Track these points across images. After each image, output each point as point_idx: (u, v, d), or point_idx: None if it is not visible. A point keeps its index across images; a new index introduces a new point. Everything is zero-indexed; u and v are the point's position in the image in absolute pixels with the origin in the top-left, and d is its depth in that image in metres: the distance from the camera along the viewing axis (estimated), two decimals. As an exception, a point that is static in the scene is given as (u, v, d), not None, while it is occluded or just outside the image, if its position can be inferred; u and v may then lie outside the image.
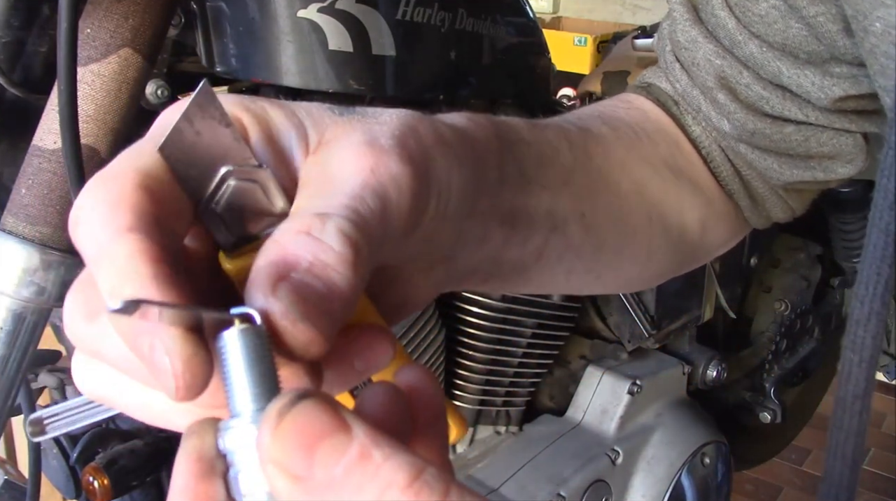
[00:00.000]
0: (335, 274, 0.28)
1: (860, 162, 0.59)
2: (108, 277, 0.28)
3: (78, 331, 0.30)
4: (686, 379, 1.48)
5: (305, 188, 0.32)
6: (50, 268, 0.77)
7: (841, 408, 0.39)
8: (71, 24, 0.68)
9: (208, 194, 0.30)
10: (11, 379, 0.80)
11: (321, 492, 0.23)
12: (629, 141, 0.56)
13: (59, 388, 1.10)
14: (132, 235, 0.28)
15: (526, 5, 1.21)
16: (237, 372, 0.26)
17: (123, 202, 0.28)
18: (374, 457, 0.23)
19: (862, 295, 0.38)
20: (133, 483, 0.98)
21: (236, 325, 0.27)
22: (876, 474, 2.57)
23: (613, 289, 0.66)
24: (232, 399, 0.26)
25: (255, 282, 0.28)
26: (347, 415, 0.24)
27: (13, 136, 0.84)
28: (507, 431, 1.36)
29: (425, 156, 0.34)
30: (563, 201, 0.47)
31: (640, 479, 1.37)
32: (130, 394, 0.31)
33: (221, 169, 0.30)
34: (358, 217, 0.30)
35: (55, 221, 0.77)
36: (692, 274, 1.45)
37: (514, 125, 0.46)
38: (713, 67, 0.57)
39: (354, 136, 0.33)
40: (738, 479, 2.29)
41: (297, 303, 0.27)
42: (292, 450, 0.23)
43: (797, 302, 1.74)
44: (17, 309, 0.78)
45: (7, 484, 1.05)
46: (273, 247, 0.29)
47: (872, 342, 0.38)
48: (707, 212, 0.60)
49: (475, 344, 1.27)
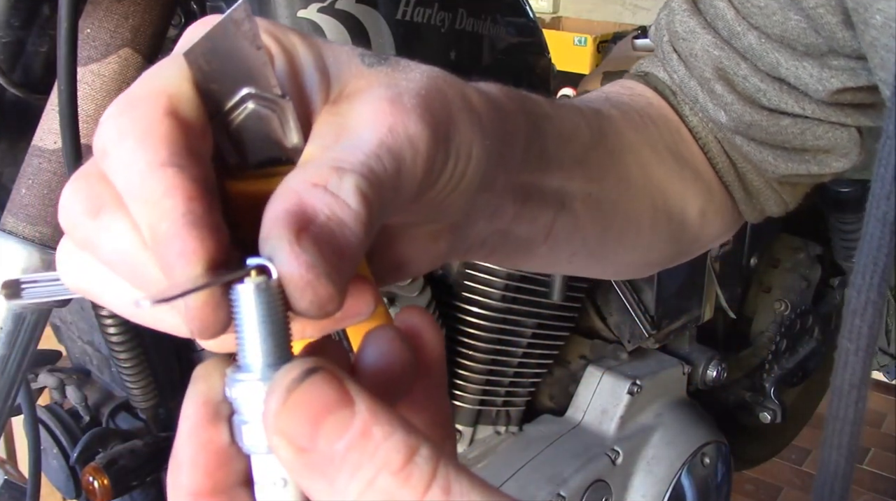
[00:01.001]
0: (349, 232, 0.28)
1: (854, 156, 0.59)
2: (145, 214, 0.28)
3: (76, 223, 0.30)
4: (686, 379, 1.48)
5: (320, 137, 0.31)
6: (50, 268, 0.77)
7: (837, 397, 0.39)
8: (71, 24, 0.68)
9: (225, 110, 0.29)
10: (11, 379, 0.80)
11: (322, 465, 0.24)
12: (637, 125, 0.56)
13: (59, 388, 1.10)
14: (167, 170, 0.27)
15: (526, 5, 1.21)
16: (250, 326, 0.26)
17: (154, 132, 0.28)
18: (374, 435, 0.23)
19: (859, 284, 0.38)
20: (133, 483, 0.98)
21: (251, 278, 0.26)
22: (876, 474, 2.57)
23: (612, 275, 0.67)
24: (242, 350, 0.26)
25: (275, 229, 0.27)
26: (352, 388, 0.24)
27: (13, 136, 0.84)
28: (507, 431, 1.36)
29: (448, 121, 0.33)
30: (575, 180, 0.47)
31: (640, 479, 1.37)
32: (117, 292, 0.31)
33: (243, 89, 0.29)
34: (373, 175, 0.29)
35: (55, 221, 0.77)
36: (692, 274, 1.45)
37: (538, 100, 0.45)
38: (711, 58, 0.57)
39: (378, 91, 0.32)
40: (738, 479, 2.29)
41: (321, 257, 0.26)
42: (298, 424, 0.24)
43: (797, 302, 1.74)
44: (18, 309, 0.78)
45: (7, 484, 1.04)
46: (289, 195, 0.28)
47: (869, 331, 0.38)
48: (707, 202, 0.60)
49: (475, 344, 1.27)
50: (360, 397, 0.24)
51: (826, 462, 0.40)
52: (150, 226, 0.27)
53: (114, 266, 0.30)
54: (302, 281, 0.26)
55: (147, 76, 0.30)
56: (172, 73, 0.29)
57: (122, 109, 0.29)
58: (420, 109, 0.32)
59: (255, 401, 0.26)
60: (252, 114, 0.29)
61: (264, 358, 0.26)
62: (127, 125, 0.28)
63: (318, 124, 0.31)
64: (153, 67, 0.30)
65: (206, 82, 0.29)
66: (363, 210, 0.28)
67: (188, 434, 0.27)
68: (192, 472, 0.27)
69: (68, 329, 1.14)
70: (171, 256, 0.27)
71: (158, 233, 0.27)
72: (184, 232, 0.27)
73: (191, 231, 0.27)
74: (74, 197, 0.30)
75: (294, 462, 0.24)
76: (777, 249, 1.77)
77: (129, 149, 0.28)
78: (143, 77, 0.30)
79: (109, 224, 0.29)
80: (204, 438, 0.27)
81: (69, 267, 0.31)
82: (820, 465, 0.40)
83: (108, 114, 0.29)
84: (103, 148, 0.29)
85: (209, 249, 0.27)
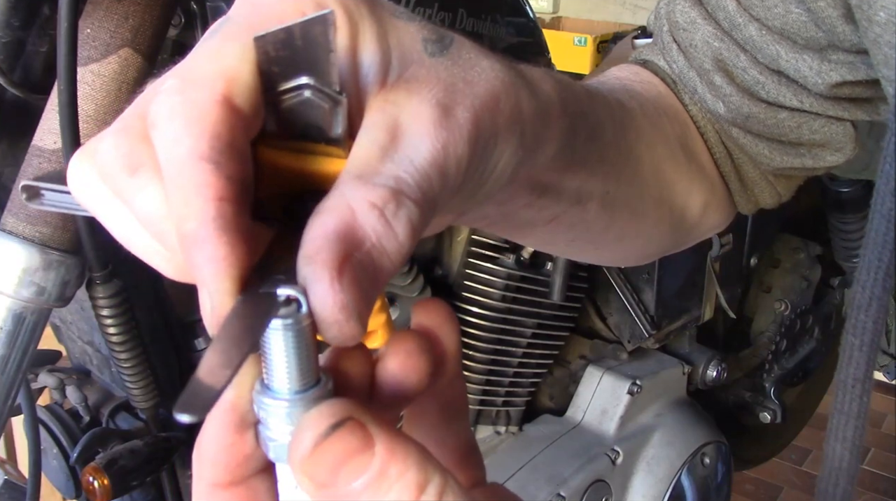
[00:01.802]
0: (388, 263, 0.28)
1: (849, 150, 0.59)
2: (175, 200, 0.28)
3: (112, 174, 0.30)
4: (686, 379, 1.48)
5: (374, 129, 0.30)
6: (50, 268, 0.77)
7: (842, 392, 0.39)
8: (71, 24, 0.68)
9: (280, 89, 0.30)
10: (11, 379, 0.80)
11: (340, 498, 0.26)
12: (652, 120, 0.56)
13: (59, 388, 1.10)
14: (204, 165, 0.28)
15: (526, 5, 1.20)
16: (278, 355, 0.27)
17: (203, 121, 0.28)
18: (389, 475, 0.26)
19: (864, 279, 0.38)
20: (133, 483, 0.98)
21: (282, 315, 0.27)
22: (876, 474, 2.57)
23: (607, 262, 0.68)
24: (271, 375, 0.27)
25: (320, 251, 0.27)
26: (373, 431, 0.27)
27: (13, 136, 0.84)
28: (507, 431, 1.36)
29: (491, 137, 0.33)
30: (596, 178, 0.47)
31: (640, 479, 1.37)
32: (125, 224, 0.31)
33: (303, 77, 0.29)
34: (425, 201, 0.29)
35: (55, 221, 0.77)
36: (692, 274, 1.45)
37: (580, 95, 0.45)
38: (711, 49, 0.57)
39: (435, 91, 0.31)
40: (738, 479, 2.29)
41: (356, 297, 0.27)
42: (323, 469, 0.26)
43: (797, 302, 1.74)
44: (17, 309, 0.78)
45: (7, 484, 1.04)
46: (344, 211, 0.28)
47: (874, 326, 0.38)
48: (710, 195, 0.60)
49: (475, 344, 1.27)
50: (380, 438, 0.27)
51: (831, 456, 0.40)
52: (179, 217, 0.28)
53: (141, 220, 0.31)
54: (333, 319, 0.27)
55: (210, 52, 0.30)
56: (235, 54, 0.29)
57: (179, 86, 0.29)
58: (470, 127, 0.32)
59: (281, 422, 0.28)
60: (305, 101, 0.30)
61: (291, 385, 0.27)
62: (179, 106, 0.29)
63: (371, 110, 0.31)
64: (215, 39, 0.30)
65: (267, 65, 0.29)
66: (408, 242, 0.29)
67: (214, 436, 0.28)
68: (214, 468, 0.29)
69: (68, 329, 1.13)
70: (199, 259, 0.27)
71: (185, 230, 0.28)
72: (214, 237, 0.27)
73: (221, 237, 0.27)
74: (115, 149, 0.30)
75: (315, 494, 0.27)
76: (777, 249, 1.76)
77: (175, 131, 0.28)
78: (205, 51, 0.30)
79: (145, 185, 0.30)
80: (228, 442, 0.28)
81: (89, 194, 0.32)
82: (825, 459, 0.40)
83: (167, 86, 0.29)
84: (154, 120, 0.29)
85: (239, 258, 0.27)
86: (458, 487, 0.27)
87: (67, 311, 1.08)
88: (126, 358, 0.93)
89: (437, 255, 1.29)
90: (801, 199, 1.77)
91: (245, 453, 0.29)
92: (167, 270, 0.32)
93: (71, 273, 0.79)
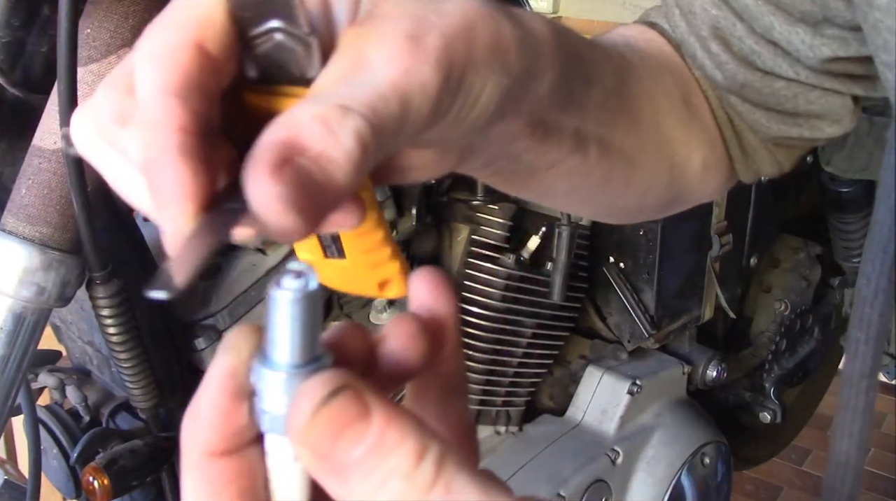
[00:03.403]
0: (338, 171, 0.29)
1: (847, 123, 0.59)
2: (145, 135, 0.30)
3: (105, 126, 0.32)
4: (686, 379, 1.48)
5: (339, 62, 0.31)
6: (50, 268, 0.77)
7: (848, 387, 0.39)
8: (71, 24, 0.68)
9: (252, 34, 0.31)
10: (11, 379, 0.80)
11: (339, 469, 0.26)
12: (654, 73, 0.56)
13: (59, 388, 1.10)
14: (170, 98, 0.29)
15: (526, 5, 1.20)
16: (282, 327, 0.27)
17: (172, 59, 0.30)
18: (386, 444, 0.26)
19: (868, 272, 0.38)
20: (133, 483, 0.98)
21: (288, 287, 0.27)
22: (876, 474, 2.57)
23: (604, 217, 0.68)
24: (272, 346, 0.28)
25: (261, 155, 0.28)
26: (370, 400, 0.27)
27: (13, 136, 0.84)
28: (507, 431, 1.36)
29: (466, 63, 0.33)
30: (592, 123, 0.47)
31: (640, 479, 1.37)
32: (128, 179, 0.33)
33: (273, 21, 0.30)
34: (376, 118, 0.30)
35: (55, 221, 0.77)
36: (692, 274, 1.45)
37: (577, 39, 0.45)
38: (709, 17, 0.57)
39: (403, 23, 0.32)
40: (738, 479, 2.29)
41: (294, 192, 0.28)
42: (321, 438, 0.26)
43: (797, 302, 1.74)
44: (17, 309, 0.78)
45: (7, 484, 1.05)
46: (288, 123, 0.29)
47: (879, 319, 0.38)
48: (710, 154, 0.60)
49: (475, 344, 1.27)
50: (377, 408, 0.27)
51: (837, 452, 0.40)
52: (144, 148, 0.29)
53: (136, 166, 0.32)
54: (268, 210, 0.27)
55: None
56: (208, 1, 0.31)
57: (154, 31, 0.31)
58: (439, 52, 0.32)
59: (278, 394, 0.28)
60: (278, 44, 0.31)
61: (292, 358, 0.28)
62: (151, 48, 0.31)
63: (341, 45, 0.32)
64: None
65: (239, 10, 0.31)
66: (357, 151, 0.29)
67: (210, 401, 0.28)
68: (208, 433, 0.29)
69: (68, 329, 1.13)
70: (160, 183, 0.29)
71: (150, 158, 0.29)
72: (176, 161, 0.28)
73: (182, 162, 0.29)
74: (105, 103, 0.32)
75: (314, 465, 0.27)
76: (777, 249, 1.76)
77: (147, 71, 0.30)
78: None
79: (136, 136, 0.31)
80: (224, 409, 0.28)
81: (88, 142, 0.33)
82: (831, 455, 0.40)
83: (146, 32, 0.31)
84: (134, 65, 0.31)
85: (200, 184, 0.29)
86: (458, 456, 0.27)
87: (67, 311, 1.08)
88: (126, 358, 0.93)
89: (437, 255, 1.29)
90: (801, 199, 1.78)
91: (240, 422, 0.29)
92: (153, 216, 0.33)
93: (71, 273, 0.79)
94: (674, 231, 1.37)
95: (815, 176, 1.72)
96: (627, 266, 1.37)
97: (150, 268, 0.97)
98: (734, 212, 1.49)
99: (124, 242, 0.96)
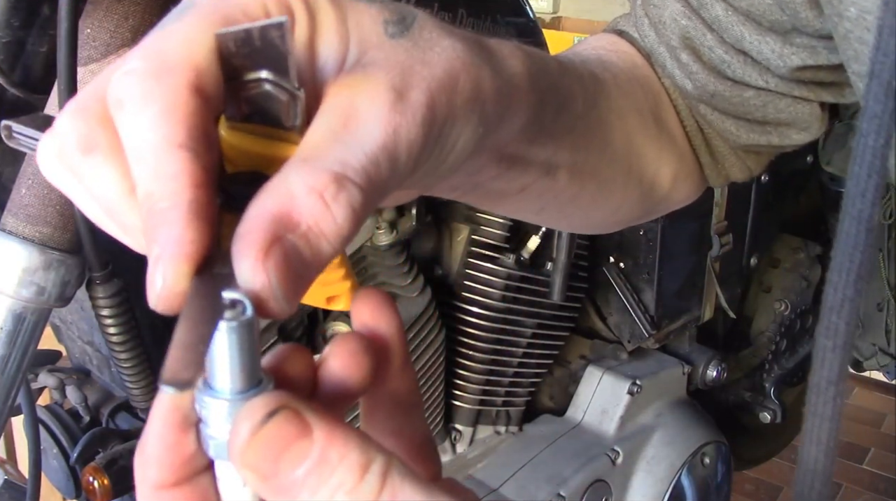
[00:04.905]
0: (327, 246, 0.29)
1: (815, 130, 0.60)
2: (148, 184, 0.29)
3: (66, 152, 0.31)
4: (686, 379, 1.48)
5: (329, 113, 0.31)
6: (50, 268, 0.77)
7: (815, 394, 0.39)
8: (71, 24, 0.68)
9: (242, 80, 0.31)
10: (11, 379, 0.80)
11: (284, 489, 0.26)
12: (625, 90, 0.56)
13: (59, 388, 1.10)
14: (182, 153, 0.29)
15: (526, 5, 1.21)
16: (221, 355, 0.28)
17: (178, 110, 0.29)
18: (330, 460, 0.26)
19: (835, 281, 0.38)
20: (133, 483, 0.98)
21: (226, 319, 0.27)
22: (876, 474, 2.58)
23: (577, 229, 0.69)
24: (213, 374, 0.28)
25: (251, 233, 0.28)
26: (311, 418, 0.27)
27: (13, 136, 0.84)
28: (507, 431, 1.36)
29: (448, 117, 0.33)
30: (564, 150, 0.47)
31: (640, 479, 1.37)
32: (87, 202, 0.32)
33: (263, 72, 0.30)
34: (369, 185, 0.30)
35: (55, 221, 0.77)
36: (692, 274, 1.45)
37: (550, 68, 0.45)
38: (678, 27, 0.58)
39: (391, 76, 0.32)
40: (738, 479, 2.29)
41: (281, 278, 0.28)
42: (262, 459, 0.26)
43: (797, 302, 1.74)
44: (17, 309, 0.78)
45: (7, 484, 1.04)
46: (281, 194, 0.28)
47: (846, 328, 0.38)
48: (680, 166, 0.61)
49: (475, 344, 1.27)
50: (318, 425, 0.27)
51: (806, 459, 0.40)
52: (149, 194, 0.29)
53: (94, 197, 0.31)
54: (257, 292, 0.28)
55: (178, 37, 0.30)
56: (201, 41, 0.30)
57: (151, 70, 0.29)
58: (425, 109, 0.32)
59: (222, 420, 0.28)
60: (265, 93, 0.31)
61: (233, 385, 0.28)
62: (153, 91, 0.29)
63: (328, 95, 0.32)
64: (182, 24, 0.31)
65: (229, 58, 0.30)
66: (347, 226, 0.29)
67: (157, 435, 0.29)
68: (158, 468, 0.29)
69: (68, 329, 1.13)
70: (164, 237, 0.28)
71: (156, 208, 0.28)
72: (185, 220, 0.28)
73: (192, 222, 0.28)
74: (71, 128, 0.31)
75: (260, 487, 0.27)
76: (777, 249, 1.77)
77: (150, 118, 0.29)
78: (173, 35, 0.30)
79: (100, 165, 0.30)
80: (171, 441, 0.29)
81: (51, 168, 0.32)
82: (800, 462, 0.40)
83: (134, 67, 0.29)
84: (121, 100, 0.30)
85: (203, 245, 0.28)
86: (403, 467, 0.27)
87: (67, 311, 1.08)
88: (126, 358, 0.93)
89: (437, 255, 1.29)
90: (800, 199, 1.78)
91: (188, 452, 0.29)
92: (129, 243, 0.33)
93: (71, 273, 0.79)
94: (674, 231, 1.37)
95: (815, 176, 1.72)
96: (627, 266, 1.37)
97: (150, 268, 0.97)
98: (734, 212, 1.49)
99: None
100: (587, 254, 1.36)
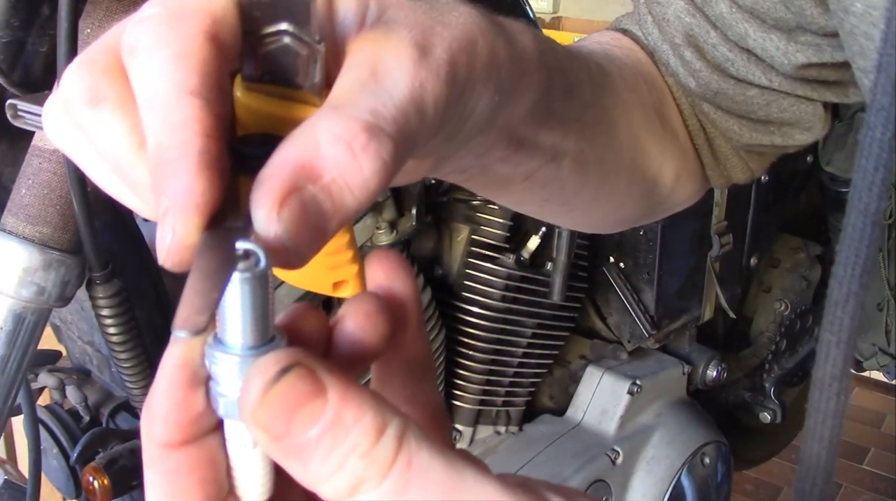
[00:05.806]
0: (350, 198, 0.28)
1: (818, 130, 0.60)
2: (158, 132, 0.28)
3: (73, 106, 0.30)
4: (686, 379, 1.48)
5: (356, 67, 0.30)
6: (50, 268, 0.77)
7: (818, 390, 0.39)
8: (71, 24, 0.68)
9: (260, 33, 0.30)
10: (11, 379, 0.80)
11: (297, 449, 0.25)
12: (630, 85, 0.56)
13: (59, 388, 1.10)
14: (193, 100, 0.28)
15: (526, 5, 1.20)
16: (233, 308, 0.27)
17: (192, 56, 0.28)
18: (344, 421, 0.25)
19: (840, 276, 0.38)
20: (133, 483, 0.98)
21: (240, 270, 0.26)
22: (876, 474, 2.58)
23: (579, 226, 0.68)
24: (224, 328, 0.27)
25: (270, 182, 0.27)
26: (325, 377, 0.26)
27: (13, 136, 0.84)
28: (507, 431, 1.36)
29: (468, 80, 0.33)
30: (570, 137, 0.47)
31: (640, 479, 1.37)
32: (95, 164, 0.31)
33: (283, 23, 0.29)
34: (400, 136, 0.29)
35: (55, 221, 0.77)
36: (692, 274, 1.45)
37: (559, 52, 0.45)
38: (682, 25, 0.57)
39: (413, 33, 0.31)
40: (738, 479, 2.29)
41: (297, 230, 0.27)
42: (274, 418, 0.25)
43: (797, 302, 1.74)
44: (17, 309, 0.78)
45: (7, 484, 1.05)
46: (306, 142, 0.27)
47: (850, 323, 0.38)
48: (682, 165, 0.61)
49: (475, 344, 1.27)
50: (333, 385, 0.26)
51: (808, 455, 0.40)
52: (158, 144, 0.27)
53: (102, 154, 0.30)
54: (270, 247, 0.27)
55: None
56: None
57: (166, 16, 0.29)
58: (447, 67, 0.31)
59: (232, 377, 0.27)
60: (284, 47, 0.30)
61: (244, 340, 0.27)
62: (167, 36, 0.28)
63: (352, 51, 0.31)
64: None
65: (249, 9, 0.30)
66: (376, 179, 0.28)
67: (165, 392, 0.28)
68: (165, 426, 0.28)
69: (68, 329, 1.13)
70: (173, 187, 0.27)
71: (165, 157, 0.27)
72: (196, 169, 0.27)
73: (203, 171, 0.27)
74: (78, 82, 0.30)
75: (271, 447, 0.26)
76: (777, 249, 1.77)
77: (162, 63, 0.28)
78: None
79: (107, 119, 0.29)
80: (179, 398, 0.27)
81: (56, 127, 0.31)
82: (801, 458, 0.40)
83: (150, 14, 0.29)
84: (133, 46, 0.29)
85: (214, 197, 0.27)
86: (420, 431, 0.26)
87: (67, 311, 1.08)
88: (126, 358, 0.93)
89: (437, 255, 1.29)
90: (800, 199, 1.78)
91: (197, 410, 0.28)
92: (136, 206, 0.31)
93: (71, 273, 0.79)
94: (674, 231, 1.37)
95: (815, 176, 1.72)
96: (627, 266, 1.37)
97: (150, 268, 0.97)
98: (734, 212, 1.49)
99: (124, 242, 0.96)
100: (587, 254, 1.36)
